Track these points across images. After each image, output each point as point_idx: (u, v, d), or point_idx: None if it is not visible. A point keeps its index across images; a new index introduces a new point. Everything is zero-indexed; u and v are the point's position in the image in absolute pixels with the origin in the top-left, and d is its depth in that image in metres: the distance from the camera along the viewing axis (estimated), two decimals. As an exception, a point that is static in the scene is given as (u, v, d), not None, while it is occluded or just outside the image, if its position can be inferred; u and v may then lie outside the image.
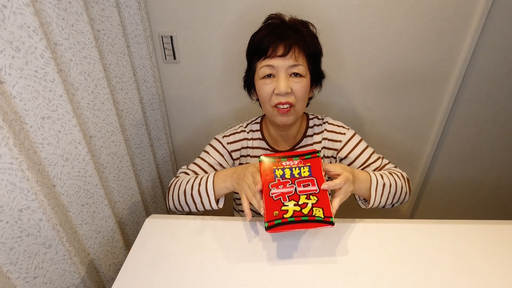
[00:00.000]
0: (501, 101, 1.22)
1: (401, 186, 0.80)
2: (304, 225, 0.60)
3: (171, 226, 0.77)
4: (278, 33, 0.76)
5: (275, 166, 0.68)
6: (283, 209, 0.61)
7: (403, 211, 1.59)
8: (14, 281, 0.70)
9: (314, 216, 0.60)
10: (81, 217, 0.88)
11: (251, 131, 0.92)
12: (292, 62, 0.75)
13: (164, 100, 1.29)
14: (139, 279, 0.64)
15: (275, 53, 0.75)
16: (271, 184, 0.65)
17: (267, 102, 0.79)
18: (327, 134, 0.90)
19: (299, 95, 0.77)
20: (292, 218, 0.60)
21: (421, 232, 0.73)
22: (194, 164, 0.90)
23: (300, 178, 0.66)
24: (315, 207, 0.62)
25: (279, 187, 0.65)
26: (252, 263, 0.67)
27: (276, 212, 0.61)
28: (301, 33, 0.77)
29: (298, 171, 0.67)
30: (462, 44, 1.10)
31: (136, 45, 1.09)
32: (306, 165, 0.67)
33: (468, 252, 0.69)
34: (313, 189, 0.64)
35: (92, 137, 0.92)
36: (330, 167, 0.70)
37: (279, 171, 0.67)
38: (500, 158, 1.37)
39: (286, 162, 0.68)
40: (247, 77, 0.86)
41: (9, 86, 0.65)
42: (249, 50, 0.82)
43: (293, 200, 0.63)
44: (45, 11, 0.71)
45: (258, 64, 0.78)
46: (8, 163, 0.61)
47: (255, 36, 0.80)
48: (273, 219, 0.60)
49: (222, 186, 0.77)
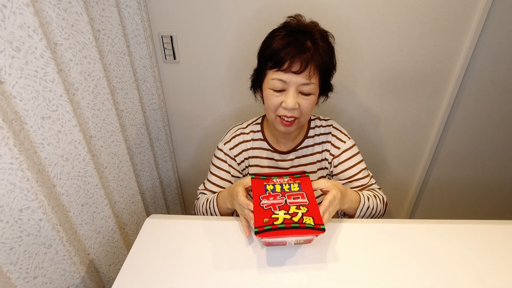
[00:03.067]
0: (501, 101, 1.22)
1: (379, 210, 0.83)
2: (294, 231, 0.59)
3: (171, 226, 0.77)
4: (297, 45, 0.71)
5: (266, 182, 0.70)
6: (274, 217, 0.61)
7: (403, 211, 1.59)
8: (14, 281, 0.70)
9: (304, 223, 0.60)
10: (81, 217, 0.88)
11: (251, 132, 0.92)
12: (305, 80, 0.72)
13: (164, 100, 1.29)
14: (139, 279, 0.64)
15: (290, 68, 0.71)
16: (262, 196, 0.66)
17: (273, 112, 0.78)
18: (332, 138, 0.90)
19: (305, 110, 0.77)
20: (283, 224, 0.60)
21: (421, 232, 0.73)
22: (209, 182, 0.91)
23: (290, 192, 0.67)
24: (306, 215, 0.62)
25: (269, 198, 0.66)
26: (252, 263, 0.67)
27: (266, 219, 0.61)
28: (318, 47, 0.73)
29: (288, 186, 0.69)
30: (462, 44, 1.10)
31: (136, 45, 1.09)
32: (296, 182, 0.70)
33: (468, 252, 0.69)
34: (303, 201, 0.65)
35: (92, 137, 0.92)
36: (321, 183, 0.72)
37: (270, 186, 0.69)
38: (500, 158, 1.37)
39: (277, 179, 0.71)
40: (256, 79, 0.83)
41: (9, 86, 0.65)
42: (263, 54, 0.77)
43: (284, 210, 0.63)
44: (45, 11, 0.71)
45: (271, 73, 0.75)
46: (8, 163, 0.61)
47: (271, 41, 0.75)
48: (263, 225, 0.60)
49: (225, 208, 0.80)
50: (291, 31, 0.75)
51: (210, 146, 1.42)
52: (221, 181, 0.90)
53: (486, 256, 0.68)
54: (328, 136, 0.90)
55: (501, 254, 0.68)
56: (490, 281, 0.63)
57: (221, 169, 0.90)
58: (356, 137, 1.34)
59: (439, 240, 0.71)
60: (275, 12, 1.07)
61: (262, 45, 0.78)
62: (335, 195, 0.69)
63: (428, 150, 1.35)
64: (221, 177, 0.90)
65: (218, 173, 0.91)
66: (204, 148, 1.43)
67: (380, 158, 1.40)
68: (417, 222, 0.76)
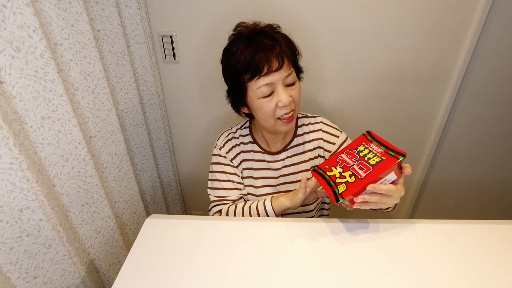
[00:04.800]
0: (501, 101, 1.22)
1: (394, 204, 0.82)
2: (326, 186, 0.69)
3: (171, 226, 0.77)
4: (263, 47, 0.72)
5: (365, 142, 0.74)
6: (332, 168, 0.73)
7: (403, 211, 1.59)
8: (14, 281, 0.70)
9: (336, 185, 0.68)
10: (81, 217, 0.88)
11: (241, 136, 0.93)
12: (286, 72, 0.74)
13: (164, 100, 1.29)
14: (139, 279, 0.64)
15: (271, 68, 0.72)
16: (347, 152, 0.74)
17: (271, 117, 0.78)
18: (323, 135, 0.90)
19: (297, 99, 0.78)
20: (328, 176, 0.71)
21: (421, 232, 0.73)
22: (223, 190, 0.91)
23: (365, 161, 0.70)
24: (346, 184, 0.67)
25: (348, 156, 0.73)
26: (252, 263, 0.67)
27: (326, 166, 0.73)
28: (278, 39, 0.75)
29: (371, 156, 0.70)
30: (462, 44, 1.10)
31: (136, 45, 1.09)
32: (381, 157, 0.69)
33: (468, 252, 0.69)
34: (360, 173, 0.68)
35: (92, 137, 0.92)
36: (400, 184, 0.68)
37: (362, 147, 0.73)
38: (500, 158, 1.37)
39: (374, 146, 0.73)
40: (235, 97, 0.82)
41: (9, 86, 0.65)
42: (233, 71, 0.76)
43: (343, 169, 0.71)
44: (45, 11, 0.71)
45: (252, 83, 0.74)
46: (8, 163, 0.61)
47: (237, 56, 0.74)
48: (322, 168, 0.74)
49: (283, 208, 0.83)
50: (247, 38, 0.75)
51: (210, 146, 1.42)
52: (234, 184, 0.91)
53: (486, 256, 0.68)
54: (318, 133, 0.90)
55: (501, 254, 0.68)
56: (490, 281, 0.63)
57: (229, 173, 0.91)
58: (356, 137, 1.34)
59: (439, 240, 0.71)
60: (275, 12, 1.07)
61: (227, 65, 0.78)
62: (399, 191, 0.67)
63: (428, 150, 1.35)
64: (233, 180, 0.91)
65: (227, 177, 0.91)
66: (204, 148, 1.43)
67: (380, 158, 1.40)
68: (417, 222, 0.76)
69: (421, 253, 0.68)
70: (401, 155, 0.66)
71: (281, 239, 0.72)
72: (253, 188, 0.92)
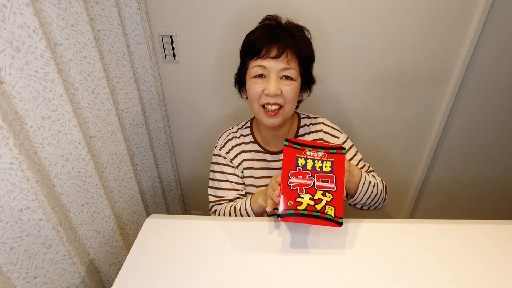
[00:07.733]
0: (501, 101, 1.22)
1: (381, 190, 0.84)
2: (314, 220, 0.61)
3: (171, 226, 0.77)
4: (273, 35, 0.76)
5: (298, 154, 0.68)
6: (298, 200, 0.63)
7: (403, 211, 1.59)
8: (14, 281, 0.70)
9: (325, 214, 0.62)
10: (81, 217, 0.88)
11: (242, 136, 0.93)
12: (284, 65, 0.75)
13: (164, 100, 1.29)
14: (139, 279, 0.64)
15: (268, 54, 0.75)
16: (291, 173, 0.66)
17: (256, 101, 0.79)
18: (324, 135, 0.90)
19: (288, 97, 0.78)
20: (305, 211, 0.62)
21: (421, 232, 0.73)
22: (221, 190, 0.91)
23: (321, 173, 0.66)
24: (329, 205, 0.63)
25: (298, 177, 0.65)
26: (252, 263, 0.67)
27: (290, 202, 0.63)
28: (296, 37, 0.77)
29: (320, 164, 0.67)
30: (462, 44, 1.10)
31: (136, 45, 1.09)
32: (330, 160, 0.67)
33: (468, 252, 0.69)
34: (331, 187, 0.65)
35: (92, 137, 0.92)
36: None
37: (302, 160, 0.67)
38: (500, 158, 1.37)
39: (311, 153, 0.68)
40: (239, 74, 0.86)
41: (9, 86, 0.65)
42: (243, 48, 0.82)
43: (309, 194, 0.64)
44: (45, 11, 0.71)
45: (251, 63, 0.78)
46: (8, 163, 0.61)
47: (250, 36, 0.80)
48: (286, 208, 0.62)
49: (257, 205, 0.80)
50: (269, 26, 0.79)
51: (210, 146, 1.42)
52: (232, 184, 0.91)
53: (486, 256, 0.68)
54: (319, 133, 0.90)
55: (501, 254, 0.68)
56: (490, 281, 0.63)
57: (228, 173, 0.91)
58: (356, 137, 1.34)
59: (439, 240, 0.71)
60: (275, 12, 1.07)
61: (242, 43, 0.82)
62: (346, 168, 0.69)
63: (428, 150, 1.35)
64: (231, 180, 0.91)
65: (225, 177, 0.91)
66: (204, 148, 1.43)
67: (380, 158, 1.40)
68: (417, 222, 0.76)
69: (421, 253, 0.68)
70: (341, 148, 0.69)
71: (281, 239, 0.72)
72: (254, 188, 0.92)
